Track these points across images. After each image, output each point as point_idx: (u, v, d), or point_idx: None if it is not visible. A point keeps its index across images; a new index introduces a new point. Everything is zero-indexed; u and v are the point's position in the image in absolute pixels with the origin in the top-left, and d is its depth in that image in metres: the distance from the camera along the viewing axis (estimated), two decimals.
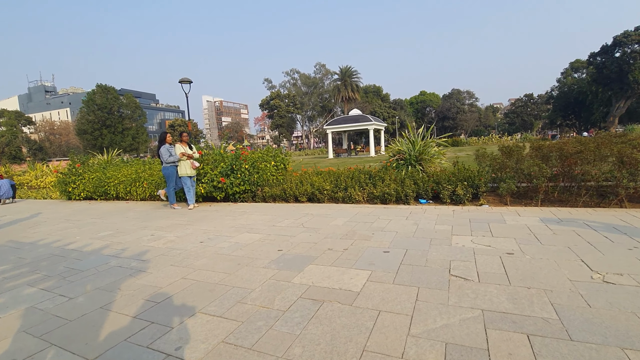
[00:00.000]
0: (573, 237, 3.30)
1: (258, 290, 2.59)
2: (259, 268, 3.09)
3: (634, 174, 4.21)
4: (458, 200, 5.44)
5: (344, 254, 3.31)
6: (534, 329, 1.81)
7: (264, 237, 4.21)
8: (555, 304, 2.05)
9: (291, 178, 7.78)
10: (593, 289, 2.20)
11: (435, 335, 1.82)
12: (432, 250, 3.23)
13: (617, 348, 1.61)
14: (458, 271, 2.67)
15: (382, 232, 4.03)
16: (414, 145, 7.74)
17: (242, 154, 7.81)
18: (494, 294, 2.24)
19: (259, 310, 2.28)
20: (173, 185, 7.06)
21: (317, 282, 2.67)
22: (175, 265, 3.34)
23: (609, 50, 45.43)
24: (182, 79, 14.51)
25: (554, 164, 5.08)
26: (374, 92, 68.73)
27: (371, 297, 2.33)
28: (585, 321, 1.85)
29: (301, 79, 69.22)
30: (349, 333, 1.91)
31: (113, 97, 50.49)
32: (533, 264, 2.69)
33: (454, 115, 74.49)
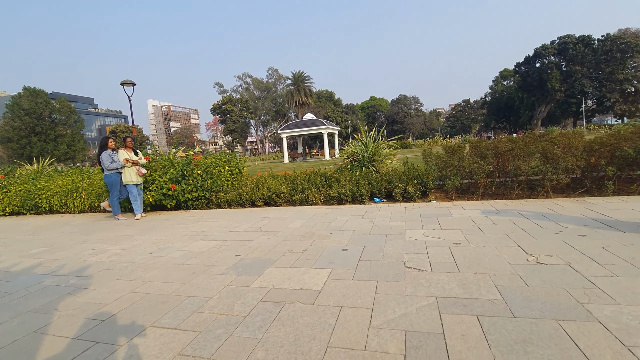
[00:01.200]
0: (510, 226, 3.64)
1: (216, 298, 2.49)
2: (216, 275, 2.97)
3: (556, 167, 4.76)
4: (409, 198, 5.72)
5: (304, 254, 3.31)
6: (482, 310, 1.96)
7: (220, 243, 4.06)
8: (498, 286, 2.24)
9: (247, 183, 7.61)
10: (529, 270, 2.44)
11: (395, 325, 1.89)
12: (388, 245, 3.36)
13: (552, 320, 1.80)
14: (412, 263, 2.80)
15: (339, 231, 4.10)
16: (366, 147, 7.99)
17: (194, 159, 7.48)
18: (446, 281, 2.39)
19: (217, 318, 2.18)
20: (117, 194, 6.53)
21: (278, 284, 2.63)
22: (122, 279, 3.08)
23: (530, 61, 51.17)
24: (123, 81, 13.51)
25: (490, 161, 5.57)
26: (326, 97, 70.01)
27: (332, 295, 2.35)
28: (525, 299, 2.04)
29: (254, 83, 68.29)
30: (312, 331, 1.91)
31: (43, 102, 45.44)
32: (478, 252, 2.92)
33: (402, 119, 78.50)
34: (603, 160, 4.77)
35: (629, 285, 2.10)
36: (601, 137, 5.15)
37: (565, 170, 4.82)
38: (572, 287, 2.13)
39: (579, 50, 46.54)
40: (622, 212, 3.76)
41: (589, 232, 3.19)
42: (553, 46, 48.86)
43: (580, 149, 5.12)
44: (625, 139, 4.84)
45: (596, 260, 2.51)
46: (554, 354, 1.52)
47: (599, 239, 2.97)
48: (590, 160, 4.90)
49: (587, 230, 3.23)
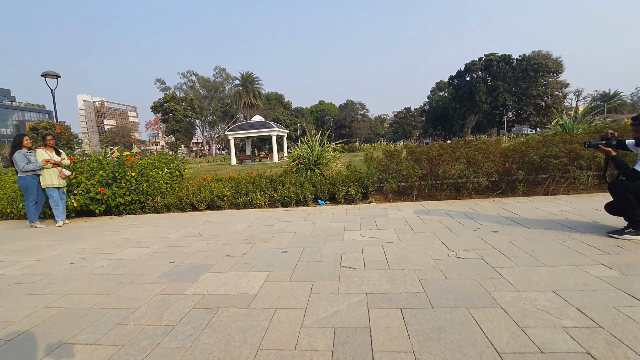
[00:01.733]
0: (437, 224, 3.97)
1: (143, 309, 2.34)
2: (145, 284, 2.79)
3: (477, 171, 5.32)
4: (351, 200, 5.94)
5: (243, 258, 3.26)
6: (406, 303, 2.12)
7: (153, 250, 3.82)
8: (422, 280, 2.44)
9: (188, 186, 7.26)
10: (449, 264, 2.70)
11: (326, 323, 1.96)
12: (327, 246, 3.46)
13: (464, 308, 2.01)
14: (348, 262, 2.92)
15: (281, 233, 4.11)
16: (312, 150, 8.11)
17: (128, 160, 6.93)
18: (376, 278, 2.54)
19: (143, 329, 2.06)
20: (33, 198, 5.78)
21: (213, 290, 2.56)
22: (35, 294, 2.75)
23: (462, 75, 56.33)
24: (45, 72, 12.02)
25: (424, 165, 6.03)
26: (276, 99, 69.56)
27: (268, 297, 2.35)
28: (443, 291, 2.25)
29: (200, 82, 65.26)
30: (244, 336, 1.89)
31: None
32: (407, 249, 3.14)
33: (350, 124, 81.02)
34: (515, 166, 5.44)
35: (527, 274, 2.42)
36: (513, 145, 5.88)
37: (484, 174, 5.40)
38: (483, 278, 2.40)
39: (501, 67, 52.42)
40: (528, 211, 4.33)
41: (500, 228, 3.62)
42: (480, 62, 54.42)
43: (497, 155, 5.77)
44: (532, 147, 5.57)
45: (504, 253, 2.86)
46: (462, 339, 1.71)
47: (508, 234, 3.38)
48: (505, 165, 5.56)
49: (499, 227, 3.66)
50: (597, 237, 3.11)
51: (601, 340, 1.60)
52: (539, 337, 1.66)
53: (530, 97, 51.71)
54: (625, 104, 58.83)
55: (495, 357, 1.55)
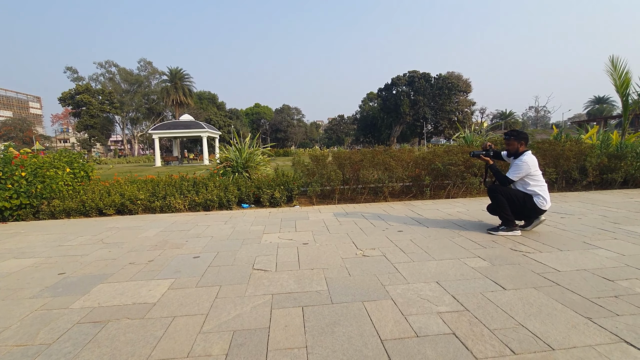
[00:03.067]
0: (352, 226, 4.21)
1: (15, 327, 2.03)
2: (22, 300, 2.42)
3: (392, 176, 5.79)
4: (276, 203, 5.95)
5: (148, 266, 3.04)
6: (308, 301, 2.20)
7: (40, 261, 3.34)
8: (327, 278, 2.55)
9: (95, 188, 6.49)
10: (355, 262, 2.88)
11: (225, 327, 1.93)
12: (242, 249, 3.41)
13: (359, 302, 2.16)
14: (260, 264, 2.92)
15: (197, 238, 3.93)
16: (241, 153, 7.94)
17: (16, 157, 5.96)
18: (285, 279, 2.58)
19: (10, 351, 1.78)
20: None
21: (105, 301, 2.33)
22: None
23: (389, 88, 60.76)
24: None
25: (347, 170, 6.34)
26: (209, 99, 66.33)
27: (168, 306, 2.23)
28: (345, 287, 2.39)
29: (121, 74, 59.01)
30: (133, 348, 1.76)
31: None
32: (320, 250, 3.27)
33: (285, 128, 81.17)
34: (424, 172, 6.05)
35: (419, 267, 2.71)
36: (423, 154, 6.54)
37: (398, 179, 5.89)
38: (382, 273, 2.61)
39: (421, 84, 57.89)
40: (431, 212, 4.84)
41: (405, 228, 3.98)
42: (405, 78, 59.37)
43: (410, 162, 6.35)
44: (438, 155, 6.26)
45: (404, 250, 3.15)
46: (352, 330, 1.83)
47: (410, 233, 3.74)
48: (415, 171, 6.14)
49: (405, 227, 4.03)
50: (479, 233, 3.62)
51: (465, 322, 1.87)
52: (417, 323, 1.86)
53: (445, 112, 57.92)
54: (517, 122, 69.67)
55: (378, 344, 1.70)
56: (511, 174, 3.52)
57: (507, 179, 3.52)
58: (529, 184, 3.49)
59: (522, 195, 3.49)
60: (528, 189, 3.49)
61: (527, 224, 3.65)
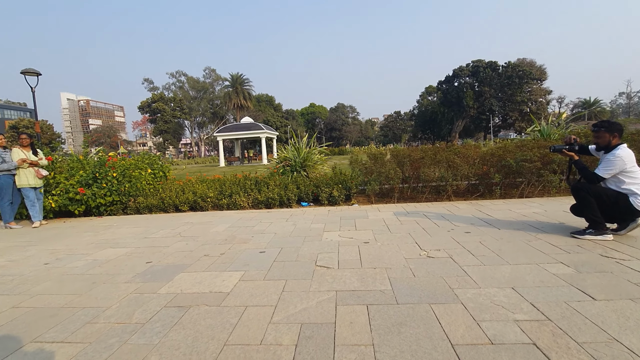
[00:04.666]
0: (414, 225, 4.07)
1: (115, 307, 2.35)
2: (119, 284, 2.79)
3: (456, 174, 5.47)
4: (334, 202, 6.01)
5: (220, 258, 3.29)
6: (372, 300, 2.18)
7: (131, 250, 3.81)
8: (391, 278, 2.51)
9: (172, 187, 7.21)
10: (419, 263, 2.78)
11: (293, 319, 2.01)
12: (305, 246, 3.51)
13: (426, 304, 2.09)
14: (323, 262, 2.98)
15: (261, 234, 4.14)
16: (299, 152, 8.17)
17: (109, 160, 6.86)
18: (348, 276, 2.60)
19: (113, 327, 2.07)
20: (8, 198, 5.67)
21: (186, 289, 2.58)
22: (4, 294, 2.72)
23: (450, 80, 57.31)
24: (25, 69, 11.76)
25: (407, 168, 6.15)
26: (266, 101, 69.40)
27: (240, 295, 2.39)
28: (410, 288, 2.33)
29: (189, 82, 64.71)
30: (212, 332, 1.93)
31: None
32: (381, 249, 3.22)
33: (340, 127, 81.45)
34: (492, 169, 5.60)
35: (491, 272, 2.52)
36: (491, 150, 6.06)
37: (463, 177, 5.54)
38: (449, 276, 2.49)
39: (487, 74, 53.56)
40: (502, 212, 4.47)
41: (473, 229, 3.73)
42: (468, 68, 55.50)
43: (476, 159, 5.93)
44: (509, 151, 5.75)
45: (472, 252, 2.96)
46: (420, 332, 1.78)
47: (479, 234, 3.50)
48: (483, 168, 5.72)
49: (472, 228, 3.78)
50: (561, 237, 3.25)
51: (548, 333, 1.70)
52: (491, 330, 1.74)
53: (515, 103, 52.93)
54: (605, 111, 60.75)
55: (448, 348, 1.62)
56: (601, 171, 3.09)
57: (595, 176, 3.10)
58: (623, 182, 3.04)
59: (615, 195, 3.04)
60: (623, 188, 3.04)
61: (621, 227, 3.18)
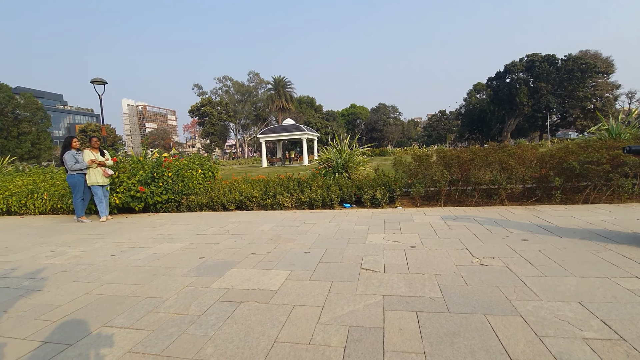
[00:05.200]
0: (463, 231, 3.88)
1: (173, 299, 2.52)
2: (176, 277, 2.99)
3: (510, 177, 5.11)
4: (377, 204, 5.92)
5: (267, 257, 3.39)
6: (422, 307, 2.12)
7: (185, 246, 4.06)
8: (441, 285, 2.41)
9: (219, 186, 7.58)
10: (471, 271, 2.64)
11: (341, 321, 2.01)
12: (349, 248, 3.50)
13: (481, 315, 1.98)
14: (368, 264, 2.95)
15: (305, 235, 4.20)
16: (341, 153, 8.18)
17: (165, 161, 7.39)
18: (395, 281, 2.54)
19: (172, 317, 2.23)
20: (80, 195, 6.34)
21: (237, 285, 2.69)
22: (79, 281, 3.04)
23: (501, 76, 53.80)
24: (94, 79, 13.11)
25: (454, 170, 5.88)
26: (307, 103, 70.40)
27: (287, 294, 2.45)
28: (462, 297, 2.22)
29: (234, 86, 67.71)
30: (263, 328, 1.99)
31: (6, 96, 42.93)
32: (429, 254, 3.11)
33: (381, 128, 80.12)
34: (552, 172, 5.16)
35: (553, 284, 2.32)
36: (551, 151, 5.57)
37: (519, 180, 5.17)
38: (505, 286, 2.33)
39: (544, 68, 49.48)
40: (564, 219, 4.10)
41: (531, 237, 3.47)
42: (521, 63, 51.73)
43: (533, 161, 5.50)
44: (572, 152, 5.26)
45: (531, 262, 2.75)
46: (475, 344, 1.69)
47: (538, 243, 3.24)
48: (541, 171, 5.28)
49: (530, 235, 3.51)
50: (636, 248, 2.90)
51: (622, 353, 1.52)
52: (556, 347, 1.60)
53: (576, 100, 48.36)
54: None
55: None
56: None
57: None
58: None
59: None
60: None
61: None
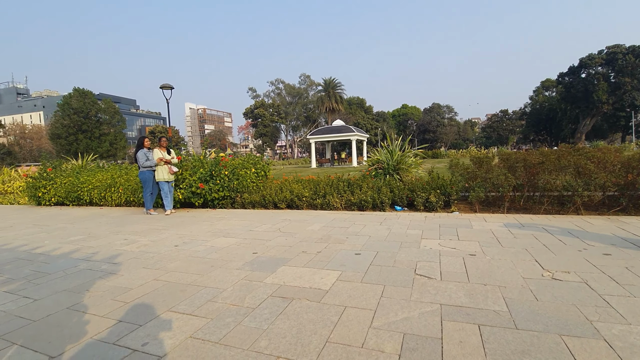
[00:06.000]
0: (531, 240, 3.53)
1: (229, 290, 2.64)
2: (232, 270, 3.13)
3: (588, 183, 4.53)
4: (431, 208, 5.65)
5: (317, 256, 3.40)
6: (485, 320, 1.95)
7: (240, 241, 4.25)
8: (506, 298, 2.21)
9: (271, 185, 7.83)
10: (542, 285, 2.38)
11: (395, 327, 1.93)
12: (401, 252, 3.37)
13: (555, 334, 1.77)
14: (423, 271, 2.81)
15: (356, 236, 4.15)
16: (392, 155, 7.97)
17: (222, 160, 7.82)
18: (453, 290, 2.39)
19: (229, 308, 2.33)
20: (149, 190, 6.98)
21: (289, 281, 2.74)
22: (148, 268, 3.33)
23: (575, 71, 48.34)
24: (163, 84, 14.38)
25: (520, 174, 5.39)
26: (357, 104, 70.02)
27: (339, 295, 2.42)
28: (531, 312, 2.01)
29: (286, 89, 69.78)
30: (315, 327, 1.99)
31: (91, 102, 49.02)
32: (492, 264, 2.87)
33: (435, 129, 76.74)
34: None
35: None
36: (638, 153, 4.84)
37: (598, 187, 4.57)
38: (584, 305, 2.06)
39: (629, 61, 43.33)
40: None
41: (614, 251, 3.03)
42: (600, 56, 45.93)
43: (617, 165, 4.83)
44: None
45: (616, 279, 2.40)
46: None
47: (624, 258, 2.82)
48: (627, 177, 4.61)
49: (613, 249, 3.07)
50: None
51: None
52: None
53: None
54: None
55: None
56: None
57: None
58: None
59: None
60: None
61: None
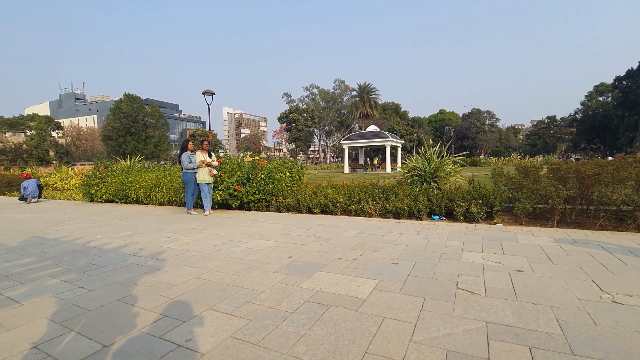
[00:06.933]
0: (586, 258, 3.25)
1: (267, 292, 2.68)
2: (269, 272, 3.18)
3: None
4: (472, 218, 5.40)
5: (353, 263, 3.37)
6: (537, 342, 1.82)
7: (275, 244, 4.31)
8: (560, 320, 2.04)
9: (305, 190, 7.90)
10: (601, 308, 2.18)
11: (437, 343, 1.86)
12: (441, 264, 3.25)
13: None
14: (465, 285, 2.68)
15: (392, 244, 4.06)
16: (429, 162, 7.75)
17: (259, 164, 8.02)
18: (500, 307, 2.25)
19: (266, 310, 2.36)
20: (191, 191, 7.32)
21: (325, 288, 2.73)
22: (189, 266, 3.47)
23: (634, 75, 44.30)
24: (205, 90, 15.08)
25: (572, 185, 5.00)
26: (392, 109, 68.95)
27: (376, 305, 2.37)
28: (589, 337, 1.84)
29: (320, 94, 70.39)
30: (353, 336, 1.96)
31: (139, 106, 52.64)
32: (542, 282, 2.68)
33: (474, 135, 73.51)
34: None
35: None
36: None
37: None
38: None
39: None
40: None
41: None
42: None
43: None
44: None
45: None
46: None
47: None
48: None
49: None
50: None
51: None
52: None
53: None
54: None
55: None
56: None
57: None
58: None
59: None
60: None
61: None
